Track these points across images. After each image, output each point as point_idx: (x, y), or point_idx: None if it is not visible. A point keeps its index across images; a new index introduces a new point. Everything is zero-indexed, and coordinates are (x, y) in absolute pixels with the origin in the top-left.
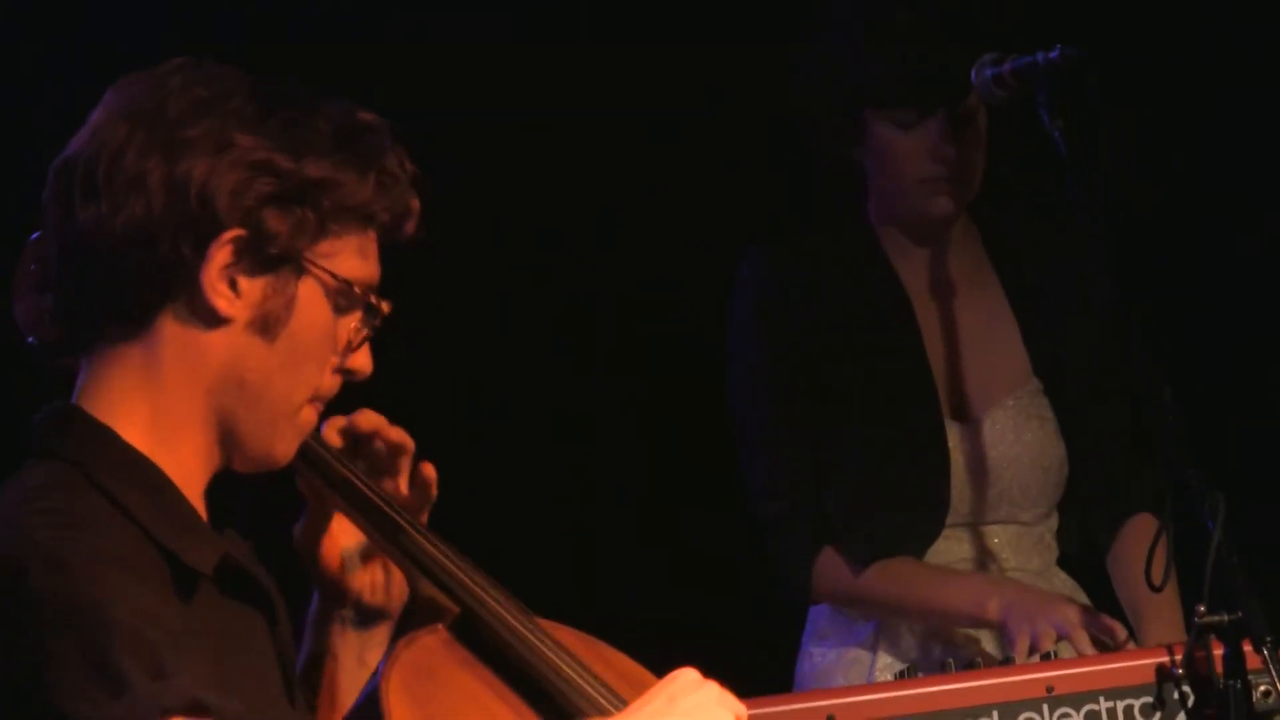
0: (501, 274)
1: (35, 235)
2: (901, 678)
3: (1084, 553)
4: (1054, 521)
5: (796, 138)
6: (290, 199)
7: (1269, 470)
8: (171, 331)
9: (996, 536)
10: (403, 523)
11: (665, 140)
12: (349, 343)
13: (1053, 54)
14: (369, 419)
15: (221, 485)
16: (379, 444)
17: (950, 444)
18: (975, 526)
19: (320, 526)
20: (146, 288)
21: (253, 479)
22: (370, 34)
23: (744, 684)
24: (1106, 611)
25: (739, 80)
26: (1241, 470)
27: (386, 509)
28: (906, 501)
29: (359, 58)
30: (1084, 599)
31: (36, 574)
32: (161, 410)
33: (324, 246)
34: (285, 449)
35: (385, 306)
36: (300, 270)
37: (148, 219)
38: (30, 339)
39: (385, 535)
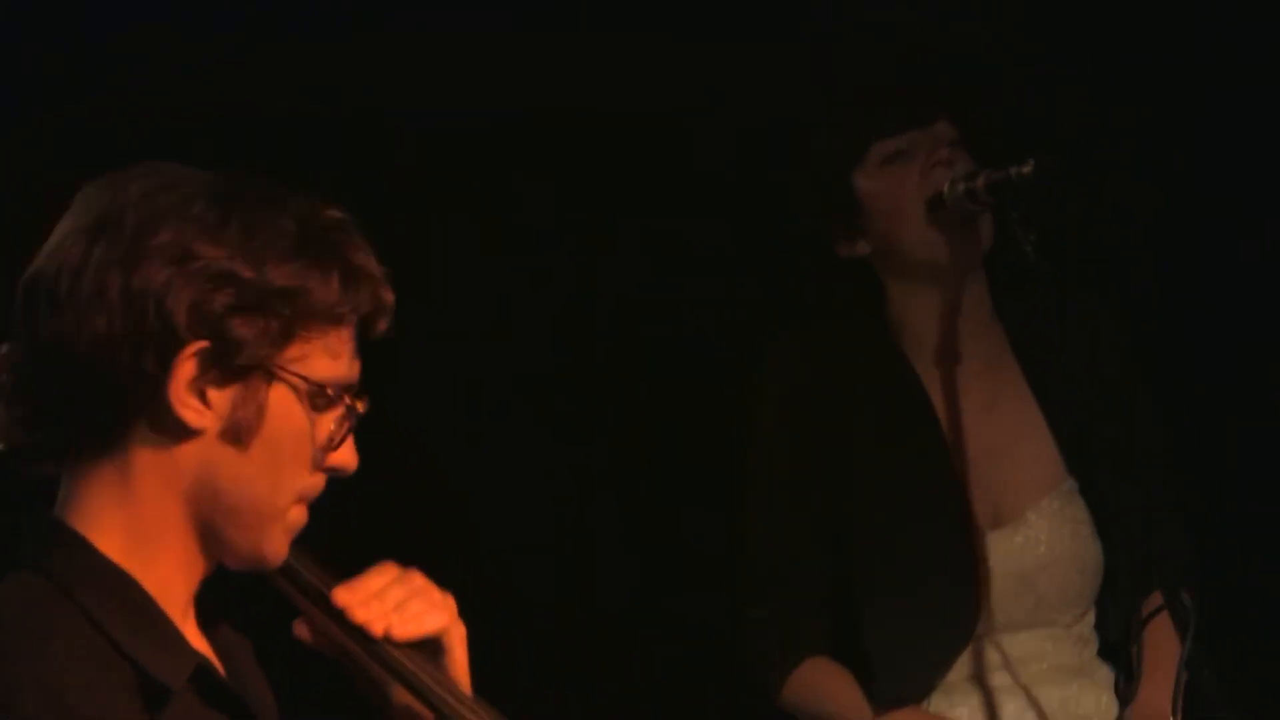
0: (501, 274)
1: (5, 347)
2: None
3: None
4: (1092, 616)
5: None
6: (254, 308)
7: (1269, 470)
8: (142, 445)
9: (1033, 642)
10: None
11: (666, 140)
12: (329, 440)
13: (1025, 168)
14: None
15: (220, 582)
16: None
17: (981, 553)
18: (1010, 633)
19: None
20: (113, 403)
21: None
22: (367, 25)
23: (744, 685)
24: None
25: (739, 80)
26: (1241, 470)
27: None
28: (932, 614)
29: (353, 53)
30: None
31: None
32: (138, 523)
33: (292, 351)
34: (275, 550)
35: (361, 406)
36: (270, 376)
37: (109, 335)
38: (2, 446)
39: (359, 643)
